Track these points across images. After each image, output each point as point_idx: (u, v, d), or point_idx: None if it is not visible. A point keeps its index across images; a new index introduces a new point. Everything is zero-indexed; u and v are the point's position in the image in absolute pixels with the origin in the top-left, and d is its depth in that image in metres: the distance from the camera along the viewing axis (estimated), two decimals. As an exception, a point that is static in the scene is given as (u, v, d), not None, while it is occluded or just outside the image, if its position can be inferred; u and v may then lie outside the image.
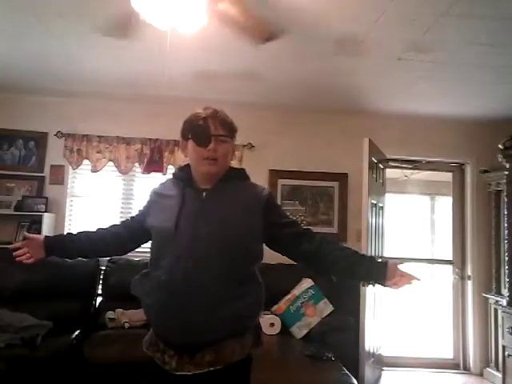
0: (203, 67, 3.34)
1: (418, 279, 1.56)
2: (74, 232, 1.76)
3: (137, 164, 4.18)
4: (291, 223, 1.66)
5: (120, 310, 3.47)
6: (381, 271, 1.56)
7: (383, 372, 4.13)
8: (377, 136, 3.88)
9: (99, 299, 3.83)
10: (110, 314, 3.45)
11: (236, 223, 1.52)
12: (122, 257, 3.95)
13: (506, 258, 3.68)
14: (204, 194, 1.58)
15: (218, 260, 1.48)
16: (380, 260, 1.66)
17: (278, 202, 4.32)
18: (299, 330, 3.44)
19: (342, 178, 4.37)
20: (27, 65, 3.47)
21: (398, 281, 1.56)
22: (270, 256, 4.33)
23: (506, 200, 3.75)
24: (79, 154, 4.12)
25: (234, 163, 4.21)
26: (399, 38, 2.76)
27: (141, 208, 1.74)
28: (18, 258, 1.72)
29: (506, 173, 3.70)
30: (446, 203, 6.10)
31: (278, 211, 1.67)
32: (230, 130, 1.63)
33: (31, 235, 1.79)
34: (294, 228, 1.64)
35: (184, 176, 1.64)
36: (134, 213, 1.79)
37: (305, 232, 1.64)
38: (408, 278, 1.56)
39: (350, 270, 1.59)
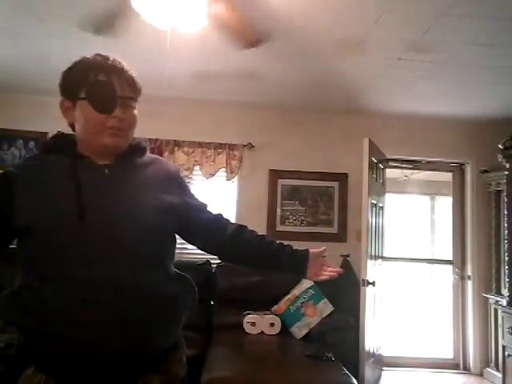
0: (203, 67, 3.34)
1: (340, 271, 1.46)
2: None
3: (137, 164, 4.17)
4: (203, 207, 1.40)
5: (120, 309, 3.46)
6: (301, 260, 1.41)
7: (383, 372, 4.13)
8: (377, 136, 3.88)
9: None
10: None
11: (155, 206, 1.20)
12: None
13: (506, 258, 3.68)
14: (106, 171, 1.20)
15: (145, 256, 1.17)
16: (301, 248, 1.47)
17: (278, 201, 4.33)
18: (299, 330, 3.44)
19: (342, 178, 4.37)
20: (27, 65, 3.47)
21: (318, 271, 1.43)
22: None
23: (506, 200, 3.75)
24: (79, 153, 4.11)
25: (234, 163, 4.22)
26: (399, 38, 2.76)
27: None
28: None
29: (506, 173, 3.70)
30: (445, 203, 6.10)
31: (190, 191, 1.40)
32: (138, 90, 1.29)
33: None
34: (207, 213, 1.39)
35: (66, 148, 1.20)
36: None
37: (218, 218, 1.40)
38: (330, 270, 1.44)
39: (272, 260, 1.41)
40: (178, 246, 1.35)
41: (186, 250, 3.45)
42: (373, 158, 3.78)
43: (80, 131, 1.21)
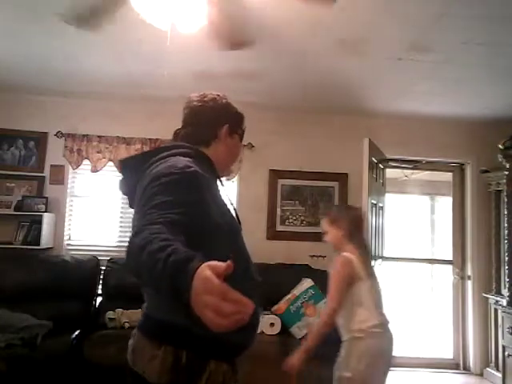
0: (203, 67, 3.34)
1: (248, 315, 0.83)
2: None
3: (137, 164, 4.17)
4: None
5: (120, 309, 3.47)
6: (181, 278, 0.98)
7: (383, 372, 4.12)
8: (377, 136, 3.88)
9: (99, 299, 3.84)
10: (109, 314, 3.45)
11: None
12: (122, 257, 3.95)
13: (506, 258, 3.68)
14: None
15: None
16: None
17: (278, 201, 4.34)
18: (299, 330, 3.44)
19: (342, 178, 4.37)
20: (27, 65, 3.47)
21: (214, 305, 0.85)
22: (271, 256, 4.30)
23: (505, 200, 3.76)
24: (79, 154, 4.12)
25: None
26: (399, 38, 2.76)
27: (186, 197, 1.12)
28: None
29: (506, 173, 3.70)
30: (446, 203, 6.09)
31: None
32: None
33: None
34: None
35: (210, 165, 1.36)
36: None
37: None
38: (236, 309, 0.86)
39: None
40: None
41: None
42: (373, 158, 3.78)
43: (223, 157, 1.44)
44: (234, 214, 1.35)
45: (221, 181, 1.40)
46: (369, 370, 2.12)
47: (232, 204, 1.37)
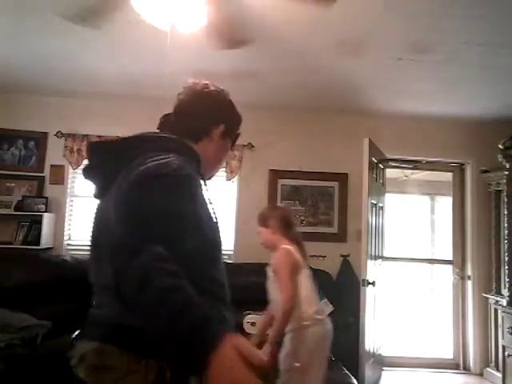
0: (203, 67, 3.34)
1: None
2: None
3: (137, 164, 4.17)
4: None
5: (120, 309, 3.46)
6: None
7: (383, 372, 4.13)
8: (377, 136, 3.88)
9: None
10: (109, 314, 3.44)
11: None
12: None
13: (506, 258, 3.68)
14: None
15: None
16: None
17: (278, 202, 4.34)
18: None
19: (342, 178, 4.37)
20: (27, 65, 3.47)
21: None
22: (271, 256, 4.25)
23: (505, 200, 3.76)
24: (79, 154, 4.12)
25: (234, 163, 4.23)
26: (399, 38, 2.76)
27: (181, 207, 1.02)
28: None
29: (506, 173, 3.70)
30: (446, 203, 6.09)
31: None
32: None
33: None
34: None
35: (197, 167, 1.21)
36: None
37: None
38: None
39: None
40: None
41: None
42: (373, 158, 3.78)
43: (209, 159, 1.28)
44: (218, 225, 1.18)
45: (206, 184, 1.25)
46: (316, 356, 2.24)
47: (215, 213, 1.19)
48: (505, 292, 3.73)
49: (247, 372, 0.72)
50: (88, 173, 1.19)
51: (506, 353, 3.50)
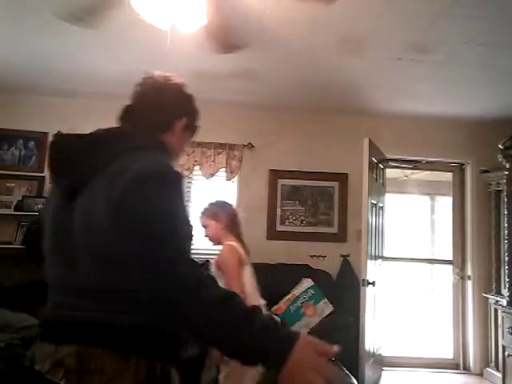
0: (203, 67, 3.34)
1: None
2: None
3: (137, 164, 4.17)
4: None
5: (120, 309, 3.47)
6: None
7: (383, 372, 4.13)
8: (377, 136, 3.88)
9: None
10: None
11: None
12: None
13: (506, 258, 3.68)
14: None
15: None
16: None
17: (278, 201, 4.34)
18: (299, 330, 3.44)
19: (342, 178, 4.37)
20: (27, 65, 3.47)
21: None
22: (271, 256, 4.29)
23: (505, 200, 3.75)
24: (79, 153, 4.11)
25: (234, 163, 4.23)
26: (399, 38, 2.76)
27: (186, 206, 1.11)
28: None
29: (506, 173, 3.70)
30: (446, 203, 6.09)
31: None
32: None
33: None
34: None
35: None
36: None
37: None
38: None
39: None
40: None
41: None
42: (373, 158, 3.78)
43: (174, 147, 1.27)
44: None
45: None
46: None
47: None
48: (505, 292, 3.73)
49: (322, 359, 0.88)
50: (57, 167, 1.14)
51: (506, 353, 3.49)
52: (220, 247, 2.46)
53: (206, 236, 2.54)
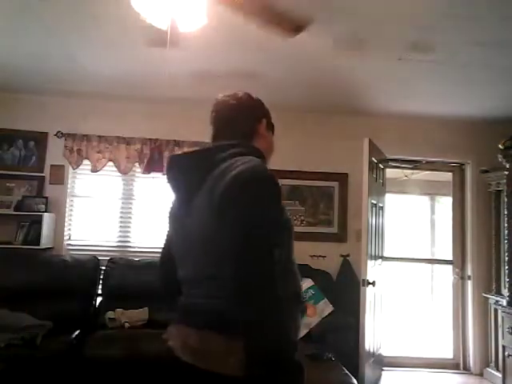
0: (203, 67, 3.34)
1: None
2: None
3: (137, 164, 4.18)
4: None
5: (120, 310, 3.47)
6: None
7: (383, 372, 4.13)
8: (377, 136, 3.88)
9: (99, 299, 3.83)
10: (110, 314, 3.45)
11: None
12: (122, 257, 3.95)
13: (506, 258, 3.68)
14: None
15: None
16: None
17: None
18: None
19: (342, 178, 4.37)
20: (27, 64, 3.47)
21: None
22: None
23: (505, 200, 3.76)
24: (79, 153, 4.12)
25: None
26: (399, 38, 2.76)
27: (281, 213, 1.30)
28: None
29: (506, 173, 3.70)
30: (446, 203, 6.10)
31: None
32: None
33: None
34: None
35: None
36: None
37: None
38: None
39: None
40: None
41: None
42: (373, 158, 3.78)
43: (265, 148, 1.42)
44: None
45: None
46: None
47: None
48: (505, 292, 3.73)
49: None
50: (174, 182, 1.33)
51: (506, 353, 3.49)
52: None
53: None
